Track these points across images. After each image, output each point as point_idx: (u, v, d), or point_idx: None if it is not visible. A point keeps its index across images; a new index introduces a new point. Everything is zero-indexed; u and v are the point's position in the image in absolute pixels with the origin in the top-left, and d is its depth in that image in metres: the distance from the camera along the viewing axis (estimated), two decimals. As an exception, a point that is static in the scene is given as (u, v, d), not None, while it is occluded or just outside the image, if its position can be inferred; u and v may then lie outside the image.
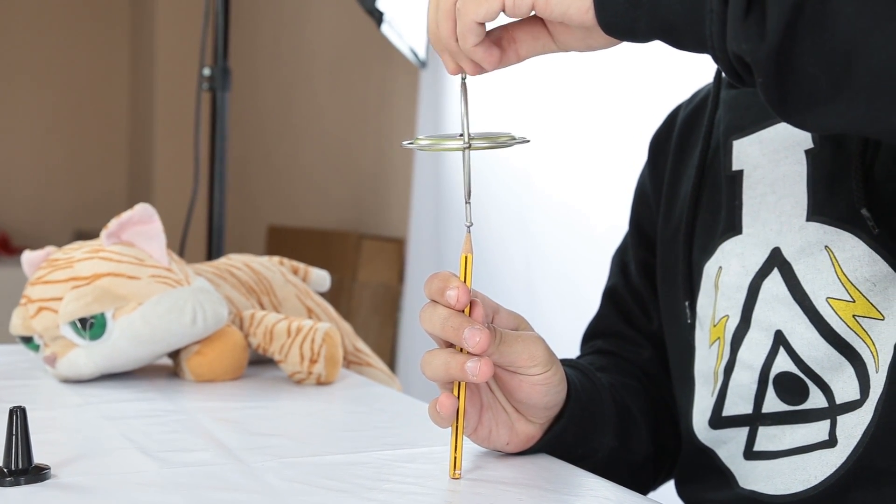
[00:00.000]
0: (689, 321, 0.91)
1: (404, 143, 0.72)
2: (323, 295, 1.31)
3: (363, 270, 3.05)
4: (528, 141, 0.70)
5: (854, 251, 0.78)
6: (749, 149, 0.87)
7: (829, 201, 0.80)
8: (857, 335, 0.77)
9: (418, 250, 2.68)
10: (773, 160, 0.84)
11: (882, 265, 0.76)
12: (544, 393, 0.76)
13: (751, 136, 0.87)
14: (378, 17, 2.30)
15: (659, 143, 1.02)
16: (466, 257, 0.71)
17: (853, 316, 0.78)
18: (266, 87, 3.93)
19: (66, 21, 4.37)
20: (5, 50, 4.27)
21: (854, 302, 0.78)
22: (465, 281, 0.70)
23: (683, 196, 0.95)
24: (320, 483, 0.71)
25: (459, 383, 0.72)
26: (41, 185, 4.38)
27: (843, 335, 0.78)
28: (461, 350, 0.70)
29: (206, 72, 2.10)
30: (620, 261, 1.06)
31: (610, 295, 1.04)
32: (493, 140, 0.70)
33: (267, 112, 3.95)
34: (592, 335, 1.05)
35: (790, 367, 0.81)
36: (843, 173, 0.79)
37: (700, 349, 0.90)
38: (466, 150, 0.70)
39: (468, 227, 0.72)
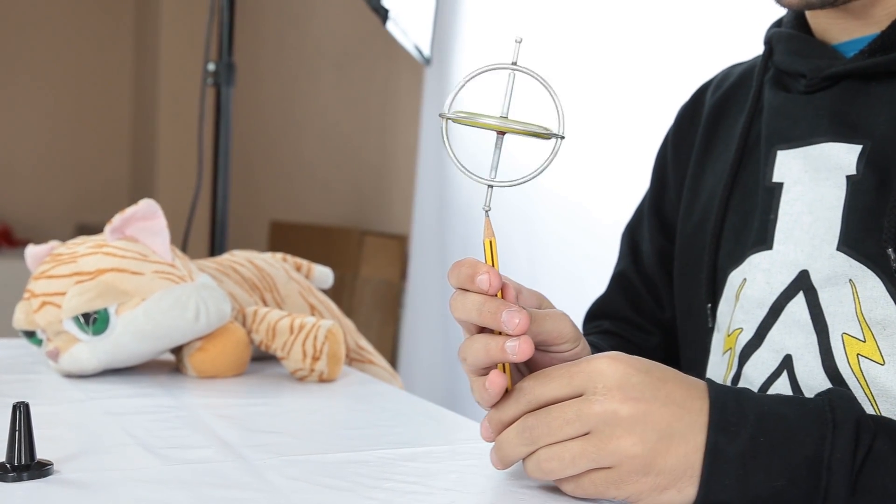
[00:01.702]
0: (709, 325, 0.91)
1: (442, 113, 0.69)
2: (325, 291, 1.31)
3: (365, 267, 3.05)
4: (564, 137, 0.68)
5: (873, 291, 0.77)
6: (793, 162, 0.85)
7: (859, 235, 0.78)
8: (854, 375, 0.77)
9: (421, 247, 2.68)
10: (815, 179, 0.83)
11: (893, 310, 0.76)
12: None
13: (797, 149, 0.85)
14: (383, 14, 2.30)
15: (682, 129, 1.01)
16: (491, 241, 0.69)
17: (857, 355, 0.77)
18: (270, 83, 3.93)
19: (70, 14, 4.37)
20: (9, 43, 4.27)
21: (864, 342, 0.77)
22: (493, 265, 0.69)
23: (709, 191, 0.93)
24: (322, 481, 0.71)
25: (505, 365, 0.71)
26: (44, 178, 4.38)
27: (842, 372, 0.78)
28: (498, 333, 0.69)
29: (211, 66, 2.10)
30: (631, 240, 1.04)
31: (619, 280, 1.03)
32: (528, 126, 0.68)
33: (271, 108, 3.95)
34: (598, 315, 1.03)
35: (787, 391, 0.81)
36: (879, 208, 0.78)
37: (714, 354, 0.90)
38: (500, 135, 0.68)
39: (486, 211, 0.69)
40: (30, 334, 1.07)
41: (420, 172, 2.71)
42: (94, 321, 1.03)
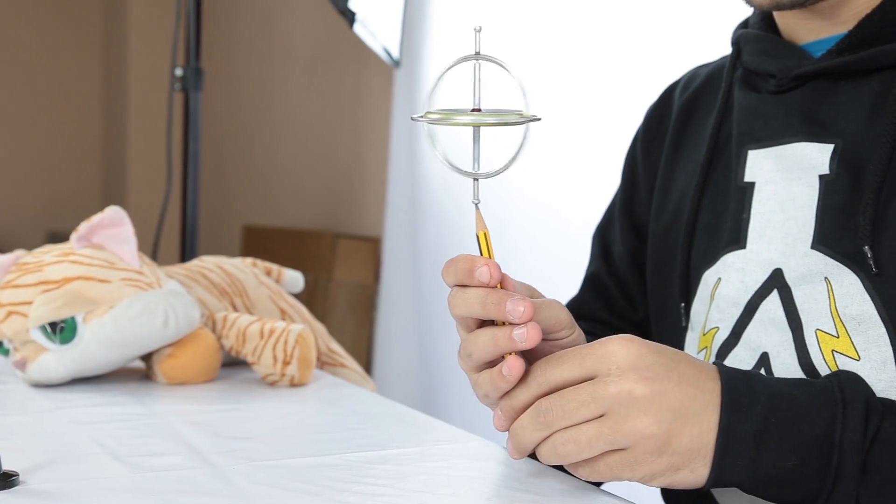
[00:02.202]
0: (683, 325, 0.91)
1: (413, 116, 0.69)
2: (298, 295, 1.31)
3: (339, 270, 3.05)
4: (540, 119, 0.69)
5: (850, 288, 0.77)
6: (764, 161, 0.85)
7: (834, 233, 0.79)
8: (830, 371, 0.78)
9: (394, 249, 2.68)
10: (787, 178, 0.83)
11: (870, 306, 0.76)
12: None
13: (767, 149, 0.85)
14: (350, 17, 2.30)
15: (651, 129, 1.01)
16: (485, 233, 0.69)
17: (832, 351, 0.78)
18: (241, 87, 3.92)
19: (38, 21, 4.34)
20: (-24, 50, 4.23)
21: (838, 338, 0.78)
22: (490, 257, 0.69)
23: (680, 191, 0.94)
24: (291, 486, 0.71)
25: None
26: (13, 185, 4.34)
27: (818, 369, 0.79)
28: (501, 324, 0.69)
29: (179, 72, 2.09)
30: (602, 241, 1.04)
31: (592, 281, 1.03)
32: (503, 117, 0.68)
33: (242, 111, 3.93)
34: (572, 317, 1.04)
35: None
36: (853, 207, 0.78)
37: (689, 352, 0.90)
38: (477, 129, 0.69)
39: (476, 203, 0.70)
40: (-3, 344, 1.07)
41: (392, 174, 2.71)
42: (62, 330, 1.02)
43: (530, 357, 0.73)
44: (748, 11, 0.94)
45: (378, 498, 0.69)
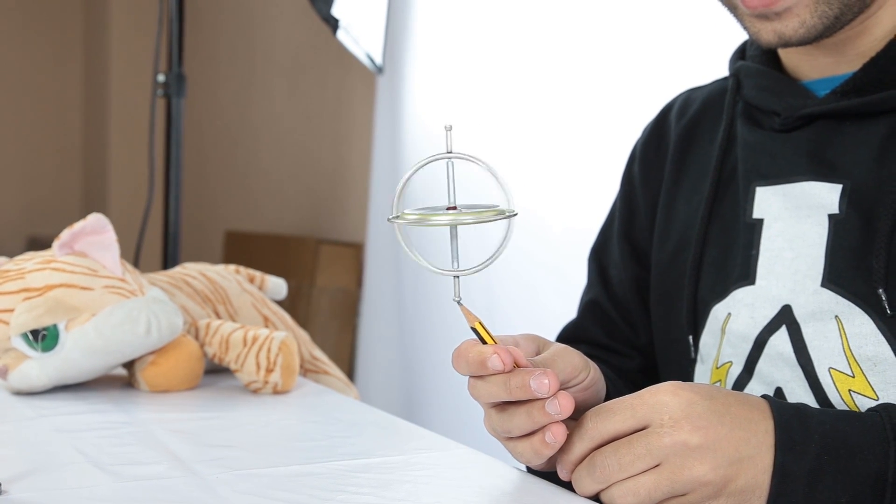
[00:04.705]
0: (692, 356, 0.92)
1: (389, 218, 0.69)
2: (280, 302, 1.31)
3: (321, 275, 3.04)
4: (516, 214, 0.69)
5: (862, 328, 0.78)
6: (772, 199, 0.86)
7: (846, 273, 0.80)
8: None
9: (376, 255, 2.68)
10: (796, 216, 0.84)
11: (885, 348, 0.77)
12: (595, 392, 0.78)
13: (775, 186, 0.86)
14: (334, 23, 2.30)
15: (647, 156, 1.01)
16: (479, 324, 0.70)
17: (849, 391, 0.79)
18: (223, 93, 3.91)
19: (19, 26, 4.32)
20: (-44, 55, 4.21)
21: (853, 377, 0.79)
22: (493, 342, 0.70)
23: (683, 221, 0.94)
24: (275, 495, 0.71)
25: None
26: (-6, 190, 4.32)
27: (835, 406, 0.79)
28: None
29: (161, 78, 2.08)
30: (598, 265, 1.04)
31: (591, 308, 1.03)
32: (481, 214, 0.68)
33: (224, 117, 3.92)
34: (571, 340, 1.03)
35: None
36: (865, 248, 0.79)
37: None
38: (454, 228, 0.69)
39: (458, 301, 0.70)
40: (-22, 352, 1.06)
41: (374, 180, 2.71)
42: (44, 338, 1.02)
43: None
44: (725, 39, 0.94)
45: (362, 506, 0.69)
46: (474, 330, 0.71)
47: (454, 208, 0.68)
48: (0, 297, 1.03)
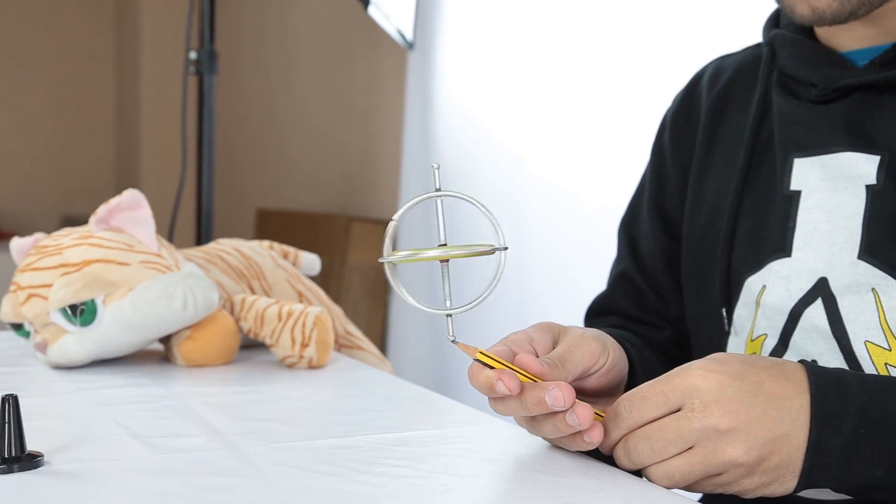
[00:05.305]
0: (725, 329, 0.91)
1: (380, 259, 0.69)
2: (313, 278, 1.31)
3: (353, 253, 3.05)
4: (507, 248, 0.69)
5: None
6: (810, 171, 0.85)
7: (883, 245, 0.79)
8: None
9: (408, 232, 2.68)
10: (833, 187, 0.83)
11: None
12: (618, 373, 0.78)
13: (813, 157, 0.85)
14: (364, 0, 2.29)
15: (678, 125, 1.00)
16: (481, 352, 0.70)
17: (885, 364, 0.78)
18: (252, 71, 3.92)
19: (50, 5, 4.34)
20: (-11, 35, 4.24)
21: (890, 350, 0.78)
22: (499, 366, 0.70)
23: (715, 192, 0.93)
24: (313, 467, 0.72)
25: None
26: (28, 170, 4.35)
27: None
28: None
29: (193, 55, 2.09)
30: (629, 237, 1.03)
31: (621, 280, 1.03)
32: (471, 248, 0.68)
33: (253, 95, 3.93)
34: (602, 312, 1.03)
35: None
36: None
37: None
38: (445, 263, 0.69)
39: (453, 341, 0.70)
40: (17, 326, 1.07)
41: (405, 157, 2.71)
42: (82, 312, 1.03)
43: (584, 392, 0.77)
44: (756, 7, 0.93)
45: (400, 479, 0.69)
46: (479, 360, 0.70)
47: (444, 245, 0.68)
48: (39, 273, 1.04)
